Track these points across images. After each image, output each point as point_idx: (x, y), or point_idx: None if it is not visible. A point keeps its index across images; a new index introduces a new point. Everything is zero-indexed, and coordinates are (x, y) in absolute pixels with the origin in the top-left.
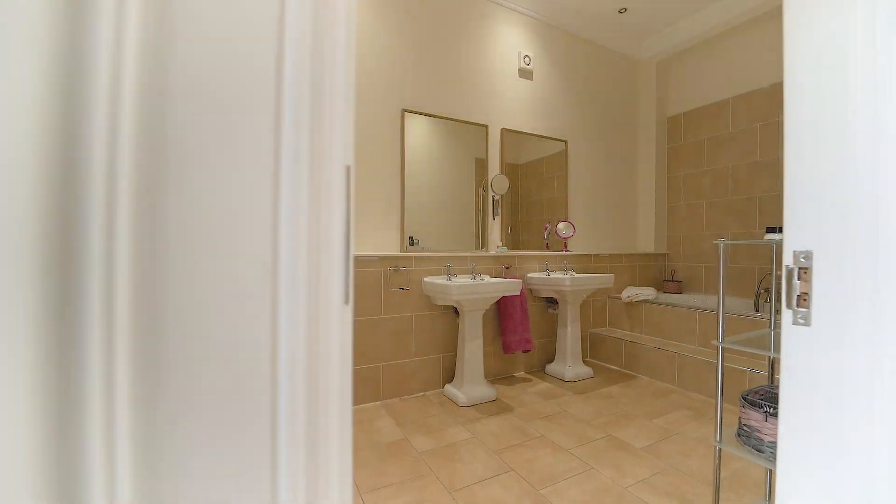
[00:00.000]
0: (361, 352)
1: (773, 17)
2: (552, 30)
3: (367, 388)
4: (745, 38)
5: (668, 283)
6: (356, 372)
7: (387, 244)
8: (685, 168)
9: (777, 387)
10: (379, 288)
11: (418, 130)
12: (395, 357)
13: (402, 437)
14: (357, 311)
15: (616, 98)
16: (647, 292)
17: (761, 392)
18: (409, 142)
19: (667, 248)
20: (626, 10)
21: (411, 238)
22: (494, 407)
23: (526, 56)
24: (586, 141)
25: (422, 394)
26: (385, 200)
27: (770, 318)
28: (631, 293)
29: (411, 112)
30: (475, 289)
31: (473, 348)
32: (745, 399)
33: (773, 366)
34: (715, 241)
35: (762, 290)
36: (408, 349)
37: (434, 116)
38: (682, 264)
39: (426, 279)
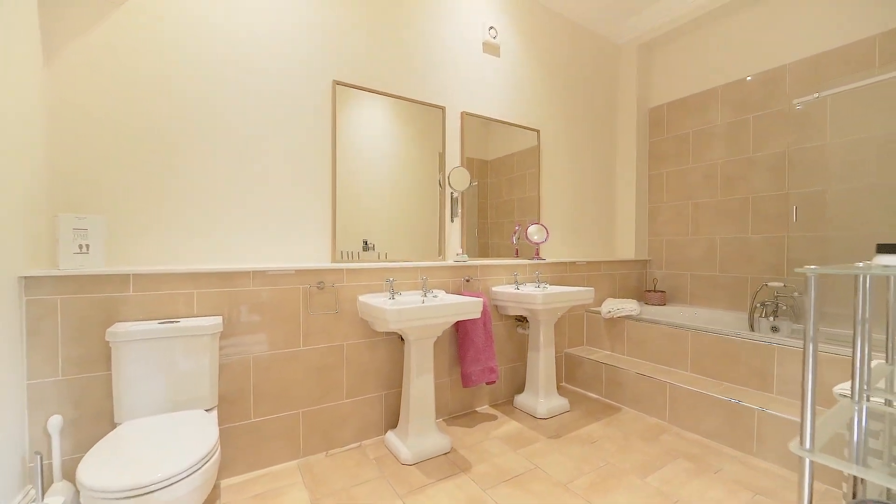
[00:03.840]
0: (271, 396)
1: None
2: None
3: (278, 443)
4: (737, 19)
5: (651, 293)
6: (261, 424)
7: (311, 253)
8: (668, 165)
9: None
10: (297, 311)
11: (359, 111)
12: (321, 399)
13: None
14: (266, 344)
15: (593, 85)
16: (631, 306)
17: None
18: (345, 124)
19: (648, 253)
20: None
21: (366, 242)
22: (447, 464)
23: (491, 28)
24: (561, 132)
25: (357, 444)
26: (308, 197)
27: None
28: (612, 307)
29: (345, 85)
30: (420, 314)
31: (422, 386)
32: None
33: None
34: (800, 269)
35: (757, 305)
36: (338, 388)
37: (377, 93)
38: (665, 272)
39: (361, 298)
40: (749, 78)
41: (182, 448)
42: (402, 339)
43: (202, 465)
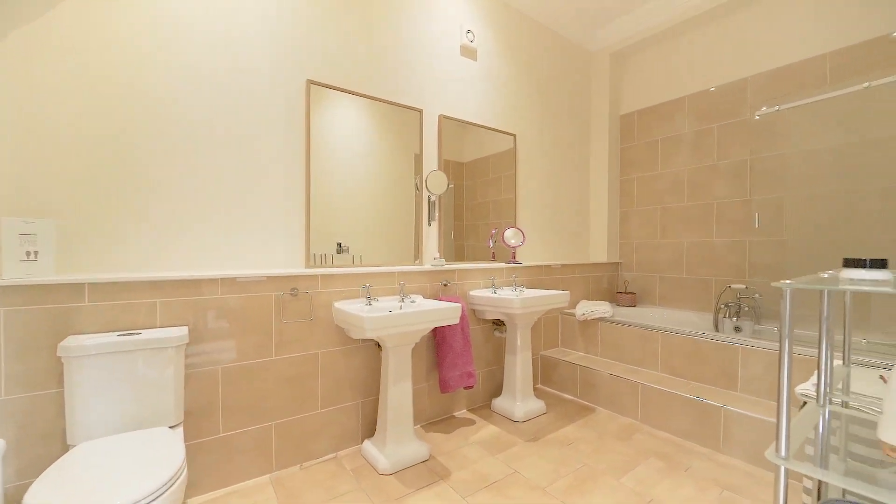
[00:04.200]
0: (241, 408)
1: (732, 11)
2: (499, 5)
3: (249, 457)
4: (703, 32)
5: (622, 294)
6: (230, 439)
7: (284, 258)
8: (638, 171)
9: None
10: (269, 319)
11: (334, 111)
12: (295, 411)
13: None
14: (235, 354)
15: (567, 91)
16: (603, 308)
17: None
18: (320, 124)
19: (619, 256)
20: None
21: (339, 244)
22: (426, 472)
23: (469, 31)
24: (536, 137)
25: (332, 455)
26: (280, 200)
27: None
28: (586, 310)
29: (320, 85)
30: (398, 321)
31: (399, 394)
32: None
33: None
34: (777, 284)
35: (721, 306)
36: (313, 398)
37: (352, 93)
38: (635, 274)
39: (336, 305)
40: (713, 89)
41: (144, 471)
42: (379, 346)
43: (167, 490)
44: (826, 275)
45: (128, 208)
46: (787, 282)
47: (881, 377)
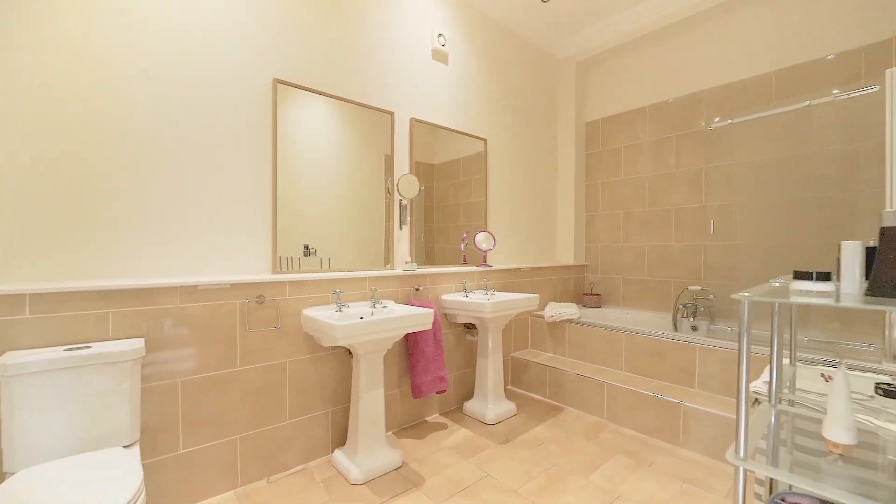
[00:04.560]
0: (204, 422)
1: (687, 28)
2: (470, 10)
3: (213, 473)
4: (662, 46)
5: (588, 296)
6: (192, 455)
7: (249, 263)
8: (603, 176)
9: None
10: (233, 329)
11: (303, 112)
12: (262, 422)
13: None
14: (196, 366)
15: (536, 97)
16: (571, 310)
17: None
18: (288, 124)
19: (585, 258)
20: None
21: (307, 246)
22: (398, 480)
23: (441, 35)
24: (506, 142)
25: (302, 467)
26: (247, 201)
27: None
28: (554, 312)
29: (287, 84)
30: (370, 328)
31: (371, 401)
32: None
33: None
34: (736, 296)
35: (679, 306)
36: (280, 409)
37: (320, 93)
38: (600, 276)
39: (305, 312)
40: (671, 100)
41: (95, 497)
42: (350, 353)
43: None
44: (777, 283)
45: (83, 215)
46: (745, 294)
47: (822, 375)
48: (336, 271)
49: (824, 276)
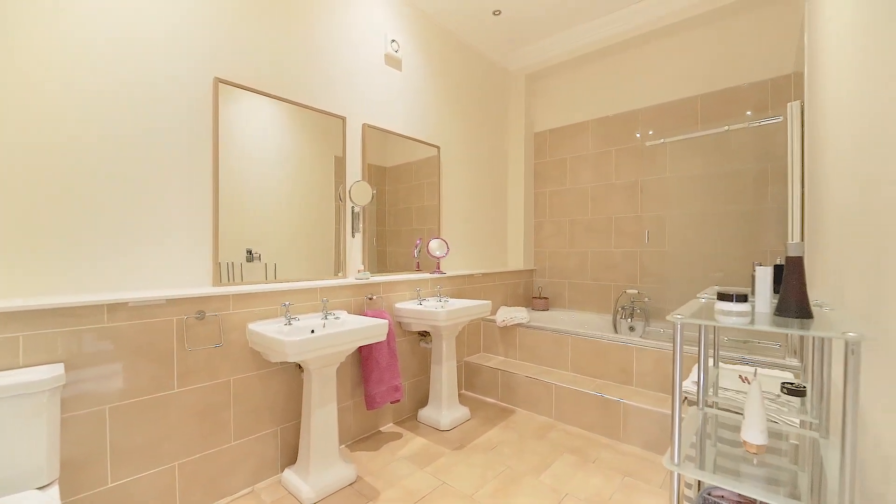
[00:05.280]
0: (136, 451)
1: (624, 49)
2: (423, 18)
3: None
4: (603, 65)
5: (537, 299)
6: (123, 488)
7: (188, 274)
8: (550, 185)
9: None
10: (170, 348)
11: (249, 114)
12: (204, 446)
13: None
14: (127, 390)
15: (488, 107)
16: (521, 315)
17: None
18: (233, 126)
19: (534, 263)
20: (500, 12)
21: (250, 251)
22: (353, 496)
23: (394, 41)
24: (459, 149)
25: (249, 490)
26: (185, 209)
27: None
28: (506, 316)
29: (230, 84)
30: (323, 342)
31: (324, 417)
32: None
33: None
34: (670, 318)
35: (619, 308)
36: (224, 431)
37: (267, 95)
38: (547, 280)
39: (252, 327)
40: (611, 116)
41: None
42: (300, 367)
43: None
44: (703, 299)
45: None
46: (678, 316)
47: (740, 377)
48: (284, 281)
49: (742, 298)
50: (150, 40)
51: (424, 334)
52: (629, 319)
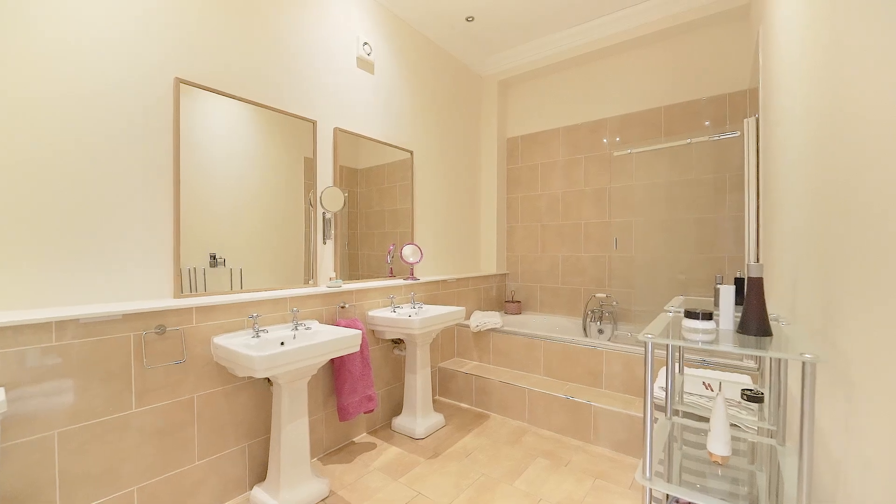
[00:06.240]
0: (89, 478)
1: (592, 60)
2: (396, 21)
3: None
4: (573, 74)
5: (510, 303)
6: None
7: (146, 286)
8: (522, 190)
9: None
10: (127, 366)
11: (214, 115)
12: (165, 468)
13: None
14: (78, 413)
15: (461, 111)
16: (494, 320)
17: None
18: (195, 127)
19: (507, 267)
20: (473, 18)
21: (214, 256)
22: None
23: (366, 43)
24: (432, 154)
25: None
26: (144, 214)
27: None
28: (479, 321)
29: (191, 84)
30: (293, 356)
31: (294, 432)
32: None
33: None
34: (640, 338)
35: (588, 311)
36: (188, 450)
37: (232, 97)
38: (520, 284)
39: (217, 341)
40: (580, 124)
41: None
42: (269, 381)
43: None
44: (671, 313)
45: None
46: (649, 336)
47: (703, 384)
48: (251, 290)
49: (707, 316)
50: (102, 39)
51: (398, 342)
52: (598, 322)
